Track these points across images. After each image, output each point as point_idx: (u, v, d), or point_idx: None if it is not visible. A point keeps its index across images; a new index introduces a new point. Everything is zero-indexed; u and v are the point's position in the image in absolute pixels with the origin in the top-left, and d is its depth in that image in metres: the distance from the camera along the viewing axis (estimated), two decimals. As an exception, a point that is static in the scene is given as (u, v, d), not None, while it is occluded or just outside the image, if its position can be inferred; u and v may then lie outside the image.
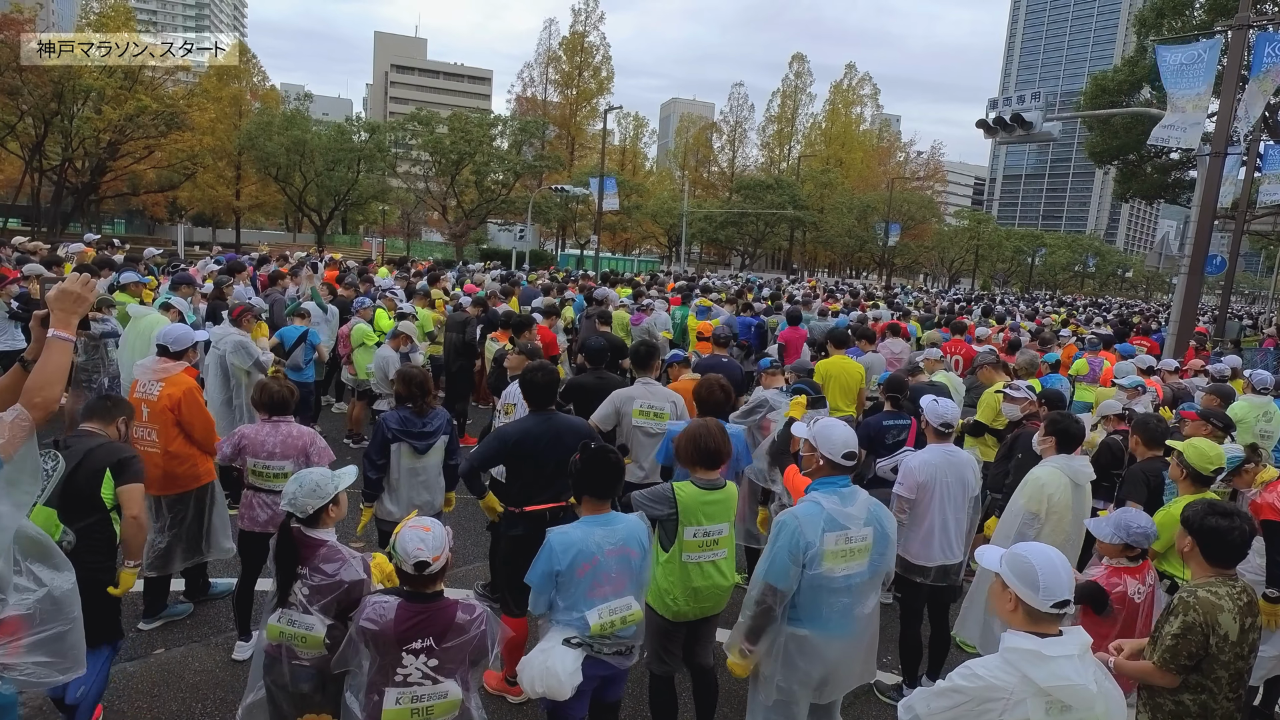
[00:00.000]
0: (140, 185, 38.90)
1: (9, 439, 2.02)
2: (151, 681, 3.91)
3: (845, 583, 2.93)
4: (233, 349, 5.88)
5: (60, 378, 2.17)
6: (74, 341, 2.22)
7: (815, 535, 2.86)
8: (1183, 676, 2.61)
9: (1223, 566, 2.72)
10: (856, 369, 7.14)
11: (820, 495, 2.97)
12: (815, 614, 2.93)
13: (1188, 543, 2.75)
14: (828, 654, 2.95)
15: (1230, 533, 2.66)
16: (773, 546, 2.92)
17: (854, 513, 2.95)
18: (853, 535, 2.93)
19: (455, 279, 15.84)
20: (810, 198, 57.53)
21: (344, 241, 54.15)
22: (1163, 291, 74.11)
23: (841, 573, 2.91)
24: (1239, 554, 2.71)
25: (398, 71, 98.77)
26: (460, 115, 44.85)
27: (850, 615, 2.98)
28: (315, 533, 2.82)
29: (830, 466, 3.03)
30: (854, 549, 2.94)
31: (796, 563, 2.85)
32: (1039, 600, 2.05)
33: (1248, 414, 6.41)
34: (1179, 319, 11.79)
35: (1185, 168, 27.31)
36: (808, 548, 2.85)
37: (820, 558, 2.86)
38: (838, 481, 3.01)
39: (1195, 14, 23.61)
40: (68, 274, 2.30)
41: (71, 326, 2.21)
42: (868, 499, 3.06)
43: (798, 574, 2.87)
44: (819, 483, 3.04)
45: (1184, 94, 10.94)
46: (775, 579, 2.87)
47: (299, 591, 2.77)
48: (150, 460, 4.29)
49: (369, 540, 4.82)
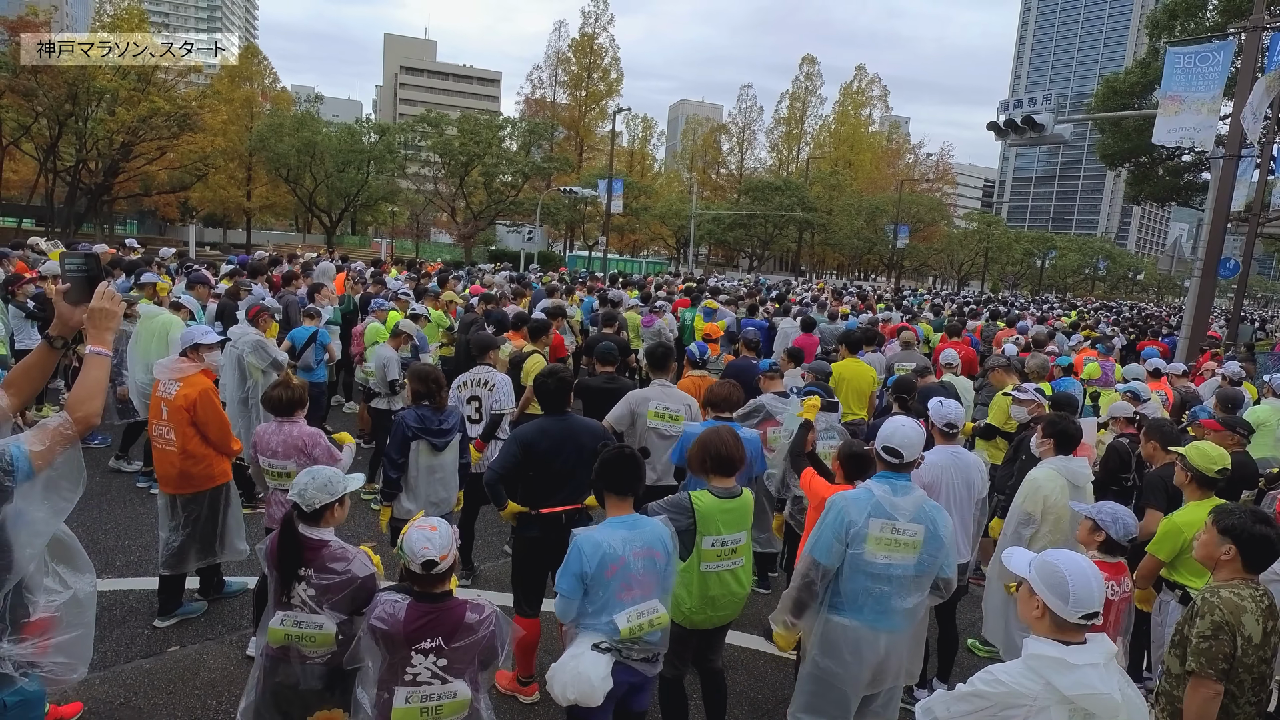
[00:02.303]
0: (152, 186, 39.21)
1: (49, 446, 2.06)
2: (167, 679, 3.94)
3: (885, 570, 3.01)
4: (251, 348, 5.93)
5: (100, 391, 2.24)
6: (111, 355, 2.31)
7: (860, 516, 3.00)
8: (1224, 682, 2.54)
9: (1255, 572, 2.70)
10: (869, 371, 7.15)
11: (874, 484, 3.12)
12: (854, 600, 3.03)
13: (1228, 550, 2.70)
14: (869, 645, 3.03)
15: (1275, 541, 2.66)
16: (821, 524, 3.09)
17: (903, 505, 3.05)
18: (900, 527, 3.01)
19: (464, 281, 15.90)
20: (819, 199, 57.43)
21: (353, 242, 54.38)
22: (1174, 295, 73.50)
23: (882, 559, 3.00)
24: (1274, 560, 2.71)
25: (407, 73, 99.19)
26: (469, 117, 45.04)
27: (889, 606, 3.03)
28: (316, 533, 2.82)
29: (880, 461, 3.18)
30: (900, 540, 3.01)
31: (840, 540, 3.00)
32: (1068, 611, 2.02)
33: (1269, 417, 6.38)
34: (1191, 322, 11.71)
35: (1198, 170, 27.08)
36: (850, 526, 3.00)
37: (863, 539, 2.99)
38: (896, 477, 3.13)
39: (1208, 15, 23.44)
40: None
41: (108, 341, 2.30)
42: (923, 498, 3.14)
43: (841, 551, 3.01)
44: (879, 475, 3.19)
45: (1196, 96, 10.87)
46: (820, 554, 3.02)
47: (303, 593, 2.77)
48: (167, 459, 4.35)
49: (381, 541, 4.84)
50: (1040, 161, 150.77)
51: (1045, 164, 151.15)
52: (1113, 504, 3.27)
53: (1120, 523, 3.15)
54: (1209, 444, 3.86)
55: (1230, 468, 3.79)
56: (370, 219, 58.56)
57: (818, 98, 70.62)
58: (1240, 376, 8.09)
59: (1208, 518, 2.85)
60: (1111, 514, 3.18)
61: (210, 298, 8.38)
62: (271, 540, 2.88)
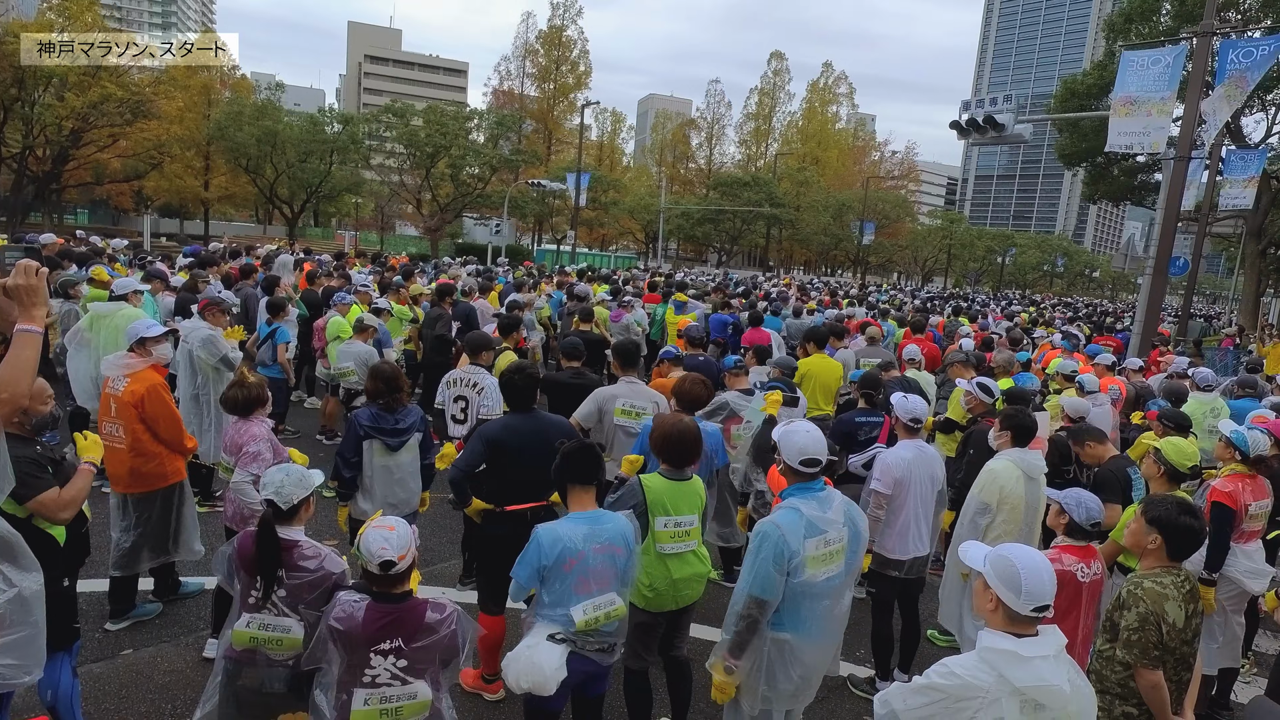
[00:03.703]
0: (104, 175, 37.98)
1: None
2: (120, 683, 3.83)
3: (826, 586, 2.91)
4: (200, 343, 5.77)
5: (30, 371, 2.11)
6: (41, 333, 2.14)
7: (798, 543, 2.81)
8: (1158, 667, 2.67)
9: (1178, 560, 2.83)
10: (835, 367, 7.22)
11: (798, 501, 2.91)
12: (796, 618, 2.90)
13: (1154, 539, 2.82)
14: (807, 658, 2.94)
15: (1200, 532, 2.80)
16: (755, 558, 2.83)
17: (832, 516, 2.93)
18: (830, 538, 2.92)
19: (430, 275, 15.68)
20: (787, 195, 57.84)
21: (316, 235, 53.31)
22: (1128, 292, 75.70)
23: (823, 577, 2.89)
24: (1196, 549, 2.84)
25: (372, 62, 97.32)
26: (436, 108, 44.33)
27: (830, 617, 2.99)
28: (287, 532, 2.77)
29: (792, 473, 2.98)
30: (832, 551, 2.93)
31: (781, 572, 2.80)
32: (1020, 604, 2.07)
33: (1196, 411, 6.62)
34: (1144, 319, 12.06)
35: (1151, 171, 27.91)
36: (792, 556, 2.79)
37: (803, 565, 2.81)
38: (812, 486, 2.97)
39: (1162, 20, 24.13)
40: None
41: (38, 319, 2.13)
42: (843, 500, 3.07)
43: (782, 583, 2.81)
44: (794, 489, 2.98)
45: (1149, 98, 11.17)
46: (760, 590, 2.80)
47: (274, 594, 2.73)
48: (117, 457, 4.22)
49: (344, 540, 4.76)
50: (1002, 160, 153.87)
51: (1006, 163, 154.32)
52: (1079, 490, 3.36)
53: (1083, 507, 3.23)
54: (1183, 440, 4.01)
55: (1200, 464, 3.94)
56: (334, 211, 57.39)
57: (786, 94, 71.21)
58: (1184, 370, 8.38)
59: (1137, 508, 2.97)
60: (1076, 498, 3.27)
61: (167, 292, 8.15)
62: (244, 543, 2.79)
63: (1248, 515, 4.08)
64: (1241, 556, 4.06)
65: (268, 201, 46.18)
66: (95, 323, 6.11)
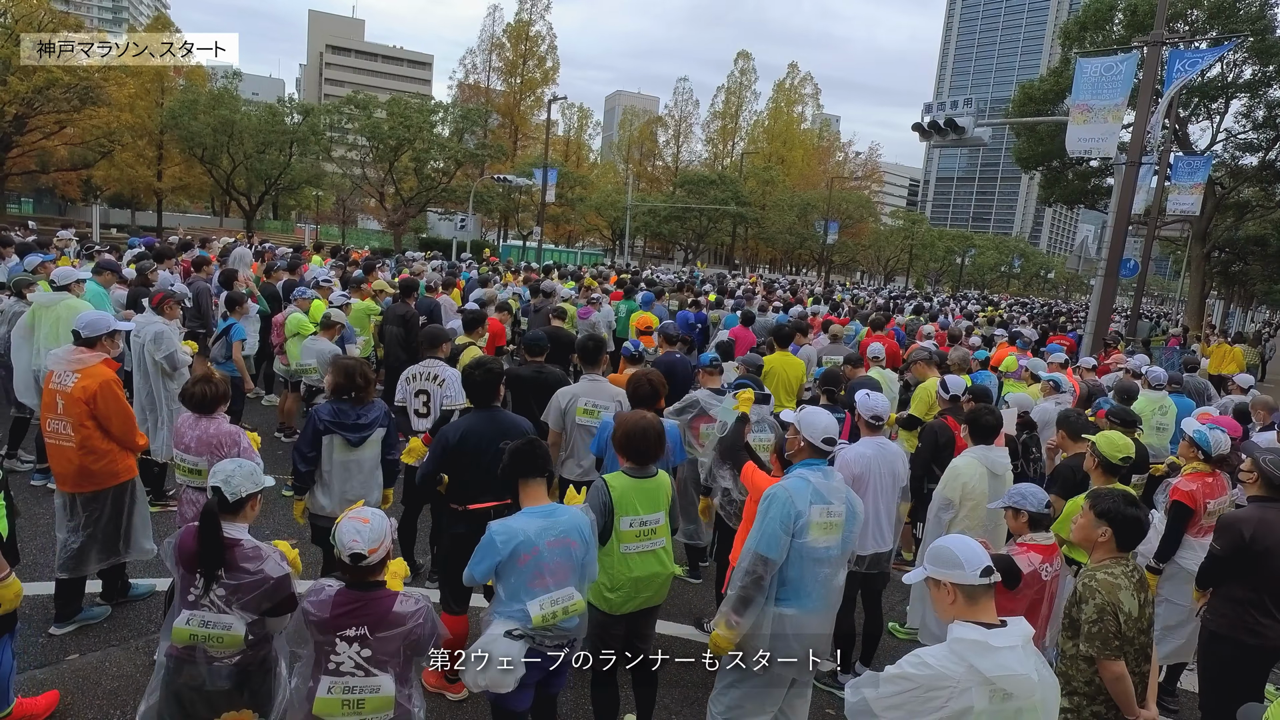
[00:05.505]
0: (50, 163, 36.52)
1: None
2: (64, 689, 3.68)
3: (825, 554, 3.09)
4: (151, 338, 5.58)
5: None
6: None
7: (804, 505, 3.02)
8: (1120, 658, 2.75)
9: (1126, 550, 2.92)
10: (798, 365, 7.30)
11: (807, 471, 3.16)
12: (800, 588, 3.05)
13: (1104, 531, 2.89)
14: (807, 629, 3.08)
15: (1144, 522, 2.91)
16: (764, 518, 3.03)
17: (836, 487, 3.17)
18: (833, 509, 3.11)
19: (393, 269, 15.42)
20: (752, 194, 58.29)
21: (275, 227, 52.02)
22: (1081, 292, 77.96)
23: (823, 544, 3.07)
24: (1142, 539, 2.95)
25: (333, 53, 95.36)
26: (399, 100, 43.67)
27: (829, 587, 3.14)
28: (230, 529, 2.71)
29: (811, 449, 3.21)
30: (832, 522, 3.12)
31: (787, 532, 2.99)
32: (968, 574, 2.17)
33: (1145, 408, 6.85)
34: (1096, 319, 12.42)
35: (1103, 175, 28.74)
36: (798, 517, 3.00)
37: (808, 527, 3.02)
38: (819, 463, 3.21)
39: (1115, 29, 24.84)
40: None
41: None
42: (842, 480, 3.27)
43: (788, 543, 2.99)
44: (803, 464, 3.22)
45: (1102, 104, 11.51)
46: (767, 549, 2.98)
47: (212, 593, 2.66)
48: (63, 455, 4.07)
49: (303, 538, 4.66)
50: (961, 163, 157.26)
51: (966, 165, 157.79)
52: (1017, 485, 3.49)
53: (1032, 496, 3.36)
54: (1117, 434, 4.13)
55: (1134, 456, 4.06)
56: (294, 203, 56.15)
57: (752, 93, 71.61)
58: (1138, 369, 8.66)
59: (1084, 502, 3.06)
60: (1020, 492, 3.40)
61: (119, 284, 7.87)
62: (185, 538, 2.72)
63: (1206, 513, 4.28)
64: (1197, 549, 4.21)
65: (224, 193, 45.00)
66: (36, 314, 5.86)
